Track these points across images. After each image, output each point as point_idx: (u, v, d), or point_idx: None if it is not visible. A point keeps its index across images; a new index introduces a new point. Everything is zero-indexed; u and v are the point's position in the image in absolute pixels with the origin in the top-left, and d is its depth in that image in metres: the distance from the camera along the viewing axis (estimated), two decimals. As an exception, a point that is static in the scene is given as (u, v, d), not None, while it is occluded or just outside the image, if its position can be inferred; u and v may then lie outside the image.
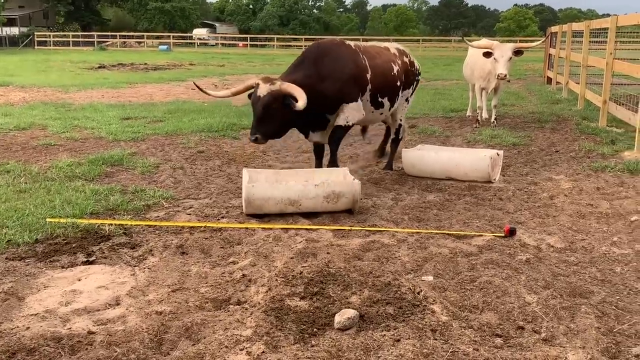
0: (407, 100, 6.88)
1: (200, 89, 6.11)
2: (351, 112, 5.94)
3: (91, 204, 5.14)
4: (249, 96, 5.46)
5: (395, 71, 6.38)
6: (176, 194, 5.64)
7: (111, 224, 4.63)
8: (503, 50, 8.78)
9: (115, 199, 5.32)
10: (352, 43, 6.22)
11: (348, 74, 5.85)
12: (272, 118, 5.37)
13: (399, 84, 6.44)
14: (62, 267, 3.88)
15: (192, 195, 5.67)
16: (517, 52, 8.84)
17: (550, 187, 6.02)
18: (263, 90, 5.30)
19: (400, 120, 6.92)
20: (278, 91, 5.29)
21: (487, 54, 8.86)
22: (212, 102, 12.67)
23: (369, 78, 6.06)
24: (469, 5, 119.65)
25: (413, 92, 6.94)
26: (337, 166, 6.18)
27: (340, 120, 5.95)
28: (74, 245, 4.24)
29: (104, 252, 4.14)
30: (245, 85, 5.64)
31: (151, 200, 5.41)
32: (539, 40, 11.14)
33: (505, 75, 8.75)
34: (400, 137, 7.05)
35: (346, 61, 5.92)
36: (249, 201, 4.90)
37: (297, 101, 5.25)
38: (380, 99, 6.25)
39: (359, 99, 5.99)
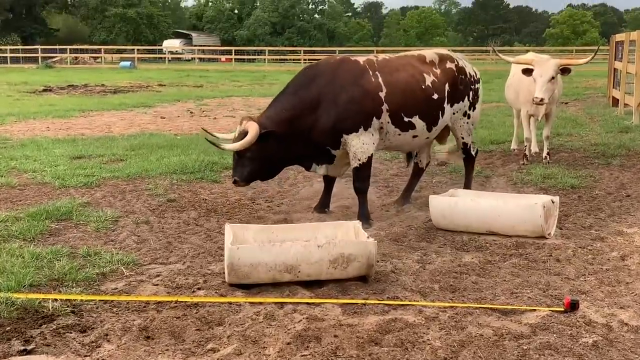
0: (465, 115, 7.28)
1: (212, 142, 6.77)
2: (358, 146, 6.49)
3: (31, 272, 5.08)
4: None
5: (428, 83, 6.79)
6: (140, 258, 5.62)
7: (56, 300, 4.59)
8: (543, 68, 8.85)
9: (61, 266, 5.28)
10: (361, 58, 6.69)
11: (345, 99, 6.38)
12: (249, 159, 6.37)
13: (436, 97, 6.83)
14: (-8, 359, 3.85)
15: (160, 259, 5.66)
16: (564, 70, 8.95)
17: (621, 244, 5.99)
18: (237, 130, 6.36)
19: (463, 138, 7.42)
20: (243, 131, 6.29)
21: (527, 72, 8.98)
22: (187, 135, 12.82)
23: (383, 97, 6.52)
24: (511, 7, 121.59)
25: (473, 104, 7.33)
26: (369, 222, 6.57)
27: (352, 161, 6.55)
28: (7, 328, 4.19)
29: (46, 338, 4.09)
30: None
31: (107, 266, 5.36)
32: (590, 55, 11.20)
33: (542, 100, 8.82)
34: (471, 155, 7.58)
35: (344, 84, 6.45)
36: (232, 268, 4.86)
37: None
38: (407, 119, 6.68)
39: (369, 126, 6.47)
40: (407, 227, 6.55)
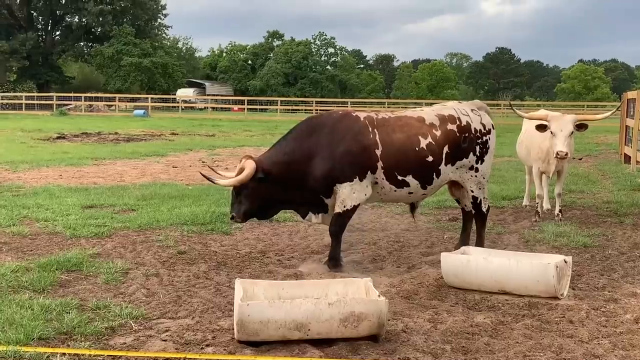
0: (472, 168, 7.32)
1: (207, 177, 7.04)
2: (348, 194, 6.80)
3: (40, 325, 5.06)
4: None
5: (423, 145, 6.96)
6: (149, 312, 5.59)
7: (64, 354, 4.55)
8: (562, 122, 8.88)
9: (70, 319, 5.25)
10: (363, 114, 7.00)
11: (342, 151, 6.74)
12: (246, 196, 6.82)
13: (431, 159, 6.99)
14: (-2, 415, 3.82)
15: (169, 313, 5.62)
16: (580, 126, 8.93)
17: (634, 306, 5.88)
18: (237, 168, 6.77)
19: (472, 191, 7.41)
20: (241, 168, 6.66)
21: (541, 127, 8.96)
22: (199, 186, 12.86)
23: (378, 155, 6.84)
24: (522, 61, 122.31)
25: (480, 157, 7.34)
26: (339, 264, 6.86)
27: (337, 206, 6.86)
28: (15, 383, 4.18)
29: (53, 394, 4.07)
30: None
31: (117, 320, 5.33)
32: (609, 111, 11.24)
33: (567, 154, 8.84)
34: (482, 211, 7.54)
35: (342, 137, 6.80)
36: (242, 324, 4.82)
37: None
38: (400, 178, 6.94)
39: (363, 178, 6.81)
40: (418, 285, 6.49)
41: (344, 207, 6.86)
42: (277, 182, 6.79)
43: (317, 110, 53.24)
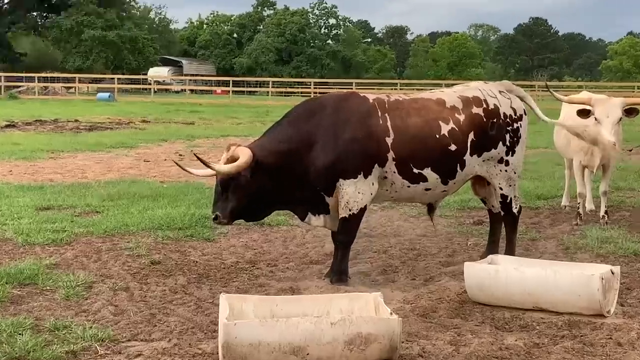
0: (502, 161, 7.27)
1: (183, 168, 7.21)
2: (352, 194, 6.77)
3: (-13, 349, 5.06)
4: None
5: (444, 132, 6.94)
6: (117, 333, 5.52)
7: (17, 383, 4.55)
8: (608, 107, 8.66)
9: (24, 342, 5.18)
10: (372, 96, 7.03)
11: (346, 139, 6.71)
12: (232, 192, 6.68)
13: (454, 148, 6.95)
14: None
15: (142, 334, 5.56)
16: (630, 111, 8.68)
17: (696, 326, 5.86)
18: (224, 158, 6.63)
19: (502, 189, 7.35)
20: (231, 157, 6.52)
21: (584, 113, 8.73)
22: (175, 183, 12.83)
23: (389, 143, 6.79)
24: (561, 34, 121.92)
25: (511, 148, 7.31)
26: (345, 279, 6.79)
27: (342, 210, 6.82)
28: (-41, 417, 4.19)
29: None
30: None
31: (79, 343, 5.26)
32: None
33: (614, 145, 8.70)
34: (512, 212, 7.49)
35: (347, 120, 6.79)
36: (228, 348, 4.78)
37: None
38: (416, 171, 6.89)
39: (369, 174, 6.76)
40: (437, 300, 6.44)
41: (350, 211, 6.85)
42: (273, 175, 6.74)
43: (315, 93, 52.06)
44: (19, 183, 12.86)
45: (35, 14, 77.46)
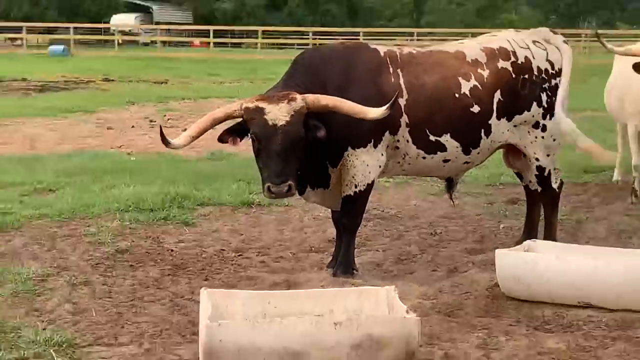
0: (538, 126, 5.49)
1: (164, 139, 4.73)
2: (360, 167, 5.08)
3: None
4: (233, 134, 4.76)
5: (465, 90, 5.26)
6: (77, 336, 4.22)
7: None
8: None
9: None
10: (383, 48, 5.35)
11: (358, 98, 4.85)
12: (299, 154, 4.70)
13: (477, 109, 5.27)
14: None
15: (106, 337, 4.24)
16: None
17: None
18: (280, 113, 4.59)
19: (538, 159, 5.50)
20: (304, 108, 4.60)
21: None
22: (146, 155, 10.05)
23: (402, 105, 5.11)
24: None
25: (549, 110, 5.46)
26: (351, 271, 5.21)
27: (346, 186, 5.14)
28: None
29: None
30: (210, 120, 4.75)
31: (31, 348, 4.02)
32: None
33: None
34: (552, 189, 5.66)
35: (357, 76, 5.12)
36: (211, 353, 3.71)
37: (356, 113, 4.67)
38: (434, 138, 5.22)
39: (378, 143, 5.07)
40: (463, 295, 4.90)
41: (356, 188, 5.07)
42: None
43: (315, 45, 35.16)
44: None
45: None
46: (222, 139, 4.72)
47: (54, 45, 37.27)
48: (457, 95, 5.23)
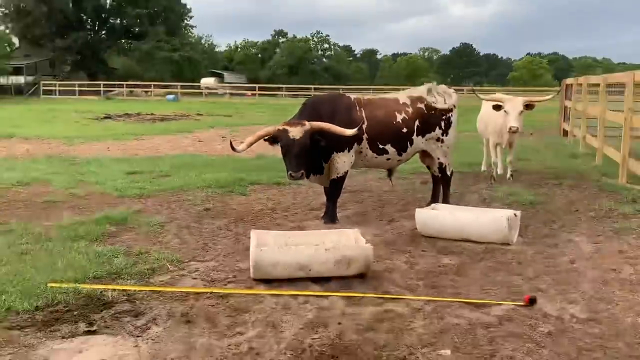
0: (439, 140, 7.29)
1: (232, 147, 6.46)
2: (340, 163, 6.75)
3: (94, 267, 5.08)
4: (271, 142, 6.28)
5: (399, 120, 7.00)
6: (182, 256, 5.54)
7: (114, 290, 4.59)
8: (514, 103, 8.97)
9: (119, 262, 5.26)
10: (353, 96, 7.05)
11: (341, 124, 6.45)
12: (307, 155, 6.25)
13: (405, 130, 7.02)
14: (63, 338, 3.83)
15: (198, 257, 5.57)
16: (528, 106, 8.98)
17: (570, 250, 5.87)
18: (296, 132, 6.14)
19: (439, 159, 7.37)
20: (310, 130, 6.17)
21: (498, 107, 9.01)
22: (220, 156, 12.74)
23: (364, 128, 6.78)
24: (481, 54, 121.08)
25: (445, 131, 7.30)
26: (334, 221, 6.73)
27: (332, 174, 6.80)
28: (75, 313, 4.20)
29: (106, 321, 4.09)
30: (259, 135, 6.34)
31: (156, 263, 5.32)
32: (551, 94, 11.22)
33: (517, 129, 8.92)
34: (447, 175, 7.47)
35: (340, 111, 6.74)
36: (257, 267, 4.84)
37: (336, 133, 6.29)
38: (381, 146, 6.94)
39: (351, 148, 6.72)
40: (397, 235, 6.47)
41: (337, 174, 6.80)
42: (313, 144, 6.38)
43: (315, 94, 51.54)
44: (113, 156, 12.82)
45: (123, 41, 76.70)
46: (266, 140, 6.36)
47: (169, 95, 49.14)
48: (394, 122, 6.96)
